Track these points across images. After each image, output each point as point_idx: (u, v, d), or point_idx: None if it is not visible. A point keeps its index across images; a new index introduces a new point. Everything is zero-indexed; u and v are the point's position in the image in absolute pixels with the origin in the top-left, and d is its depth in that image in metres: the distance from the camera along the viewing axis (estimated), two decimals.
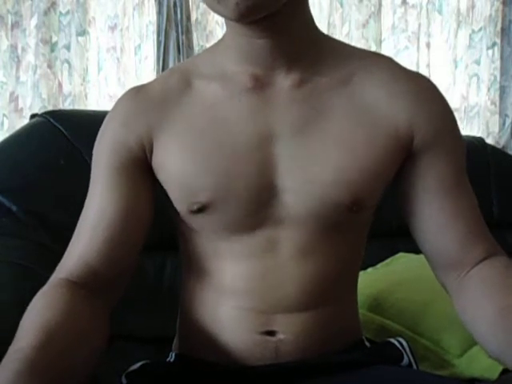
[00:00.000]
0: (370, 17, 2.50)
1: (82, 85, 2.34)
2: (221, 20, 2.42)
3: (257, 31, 0.68)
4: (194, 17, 2.37)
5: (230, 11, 0.63)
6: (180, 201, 0.72)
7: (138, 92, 0.75)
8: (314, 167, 0.70)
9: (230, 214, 0.70)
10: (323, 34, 0.76)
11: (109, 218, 0.70)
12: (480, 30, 2.55)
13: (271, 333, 0.71)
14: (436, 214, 0.73)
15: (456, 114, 0.77)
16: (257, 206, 0.70)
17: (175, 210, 0.73)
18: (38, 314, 0.61)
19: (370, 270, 1.34)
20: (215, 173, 0.70)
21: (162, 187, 0.74)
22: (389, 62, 0.76)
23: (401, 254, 1.40)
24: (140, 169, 0.73)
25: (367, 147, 0.70)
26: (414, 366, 0.77)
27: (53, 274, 0.70)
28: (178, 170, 0.71)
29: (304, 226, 0.71)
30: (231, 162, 0.70)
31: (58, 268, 0.71)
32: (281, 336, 0.71)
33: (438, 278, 0.77)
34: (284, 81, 0.72)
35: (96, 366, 0.64)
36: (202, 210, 0.70)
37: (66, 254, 0.71)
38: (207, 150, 0.71)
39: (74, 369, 0.58)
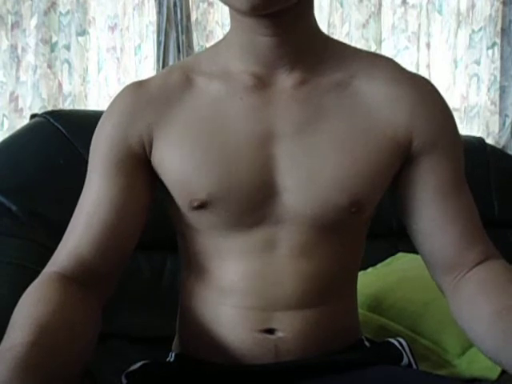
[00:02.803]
0: (370, 17, 2.50)
1: (82, 85, 2.34)
2: (221, 20, 2.42)
3: (263, 27, 0.68)
4: (194, 17, 2.37)
5: (242, 3, 0.63)
6: (180, 197, 0.72)
7: (138, 87, 0.75)
8: (314, 167, 0.70)
9: (229, 212, 0.70)
10: (325, 35, 0.76)
11: (104, 210, 0.70)
12: (480, 29, 2.55)
13: (270, 331, 0.71)
14: (434, 216, 0.73)
15: (456, 114, 0.77)
16: (256, 204, 0.70)
17: (175, 207, 0.73)
18: (30, 308, 0.61)
19: (370, 270, 1.34)
20: (215, 170, 0.70)
21: (162, 185, 0.74)
22: (390, 63, 0.76)
23: (401, 254, 1.40)
24: (138, 164, 0.73)
25: (366, 149, 0.71)
26: (414, 366, 0.78)
27: (46, 267, 0.70)
28: (179, 166, 0.71)
29: (302, 226, 0.71)
30: (232, 159, 0.70)
31: (51, 260, 0.70)
32: (280, 334, 0.71)
33: (434, 280, 0.77)
34: (286, 80, 0.72)
35: (89, 361, 0.64)
36: (201, 206, 0.70)
37: (60, 246, 0.71)
38: (208, 146, 0.71)
39: (67, 363, 0.58)
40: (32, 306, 0.61)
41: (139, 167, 0.73)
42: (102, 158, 0.73)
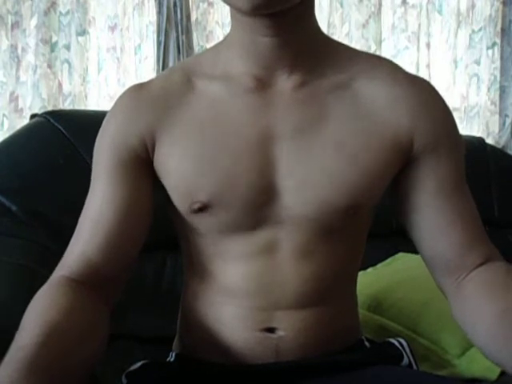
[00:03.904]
0: (369, 17, 2.50)
1: (82, 85, 2.34)
2: (221, 20, 2.42)
3: (264, 27, 0.67)
4: (194, 17, 2.37)
5: (243, 2, 0.62)
6: (181, 200, 0.72)
7: (139, 90, 0.75)
8: (313, 169, 0.70)
9: (230, 214, 0.70)
10: (326, 35, 0.76)
11: (110, 214, 0.70)
12: (480, 29, 2.55)
13: (271, 330, 0.71)
14: (435, 217, 0.73)
15: (456, 114, 0.77)
16: (256, 206, 0.70)
17: (176, 209, 0.73)
18: (40, 312, 0.61)
19: (370, 269, 1.34)
20: (216, 172, 0.70)
21: (162, 187, 0.74)
22: (390, 65, 0.76)
23: (401, 254, 1.40)
24: (141, 166, 0.72)
25: (366, 151, 0.70)
26: (414, 366, 0.78)
27: (54, 272, 0.70)
28: (180, 169, 0.71)
29: (303, 227, 0.71)
30: (232, 161, 0.70)
31: (59, 265, 0.70)
32: (281, 333, 0.71)
33: (436, 282, 0.77)
34: (286, 82, 0.71)
35: (97, 364, 0.64)
36: (202, 209, 0.70)
37: (67, 251, 0.71)
38: (209, 149, 0.70)
39: (75, 366, 0.58)
40: (41, 309, 0.61)
41: (142, 170, 0.73)
42: (106, 162, 0.73)
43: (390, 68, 0.75)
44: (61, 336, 0.57)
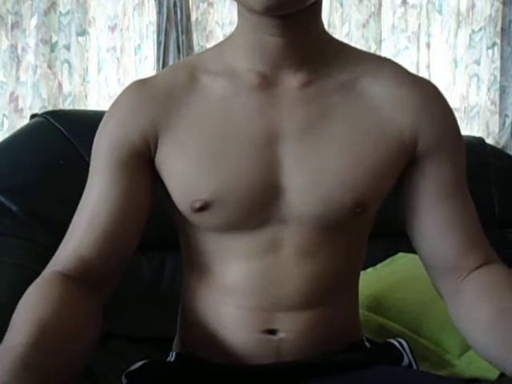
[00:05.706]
0: (370, 17, 2.50)
1: (82, 85, 2.34)
2: (221, 20, 2.42)
3: (272, 27, 0.67)
4: (194, 17, 2.37)
5: (256, 3, 0.62)
6: (182, 198, 0.71)
7: (143, 85, 0.74)
8: (318, 168, 0.70)
9: (232, 213, 0.70)
10: (331, 36, 0.76)
11: (106, 211, 0.70)
12: (480, 29, 2.56)
13: (272, 331, 0.71)
14: (435, 218, 0.73)
15: (456, 114, 0.77)
16: (260, 205, 0.70)
17: (176, 207, 0.73)
18: (31, 308, 0.60)
19: (370, 269, 1.34)
20: (219, 171, 0.69)
21: (163, 185, 0.74)
22: (394, 65, 0.76)
23: (401, 254, 1.40)
24: (141, 164, 0.72)
25: (371, 150, 0.70)
26: (414, 367, 0.78)
27: (47, 267, 0.69)
28: (182, 167, 0.71)
29: (306, 226, 0.71)
30: (236, 159, 0.69)
31: (52, 260, 0.70)
32: (282, 335, 0.71)
33: (433, 283, 0.77)
34: (291, 81, 0.71)
35: (89, 360, 0.63)
36: (204, 208, 0.69)
37: (61, 246, 0.71)
38: (212, 147, 0.70)
39: (67, 363, 0.58)
40: (33, 305, 0.61)
41: (142, 166, 0.72)
42: (105, 157, 0.72)
43: (394, 68, 0.75)
44: (51, 334, 0.57)
